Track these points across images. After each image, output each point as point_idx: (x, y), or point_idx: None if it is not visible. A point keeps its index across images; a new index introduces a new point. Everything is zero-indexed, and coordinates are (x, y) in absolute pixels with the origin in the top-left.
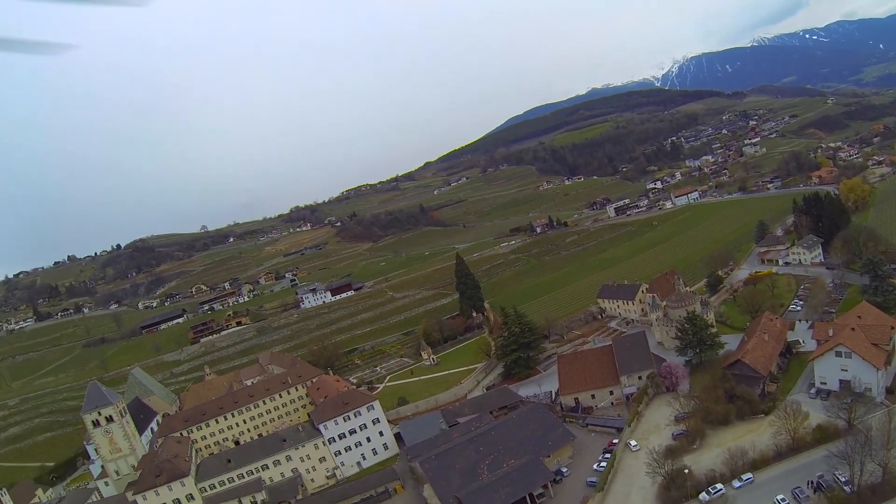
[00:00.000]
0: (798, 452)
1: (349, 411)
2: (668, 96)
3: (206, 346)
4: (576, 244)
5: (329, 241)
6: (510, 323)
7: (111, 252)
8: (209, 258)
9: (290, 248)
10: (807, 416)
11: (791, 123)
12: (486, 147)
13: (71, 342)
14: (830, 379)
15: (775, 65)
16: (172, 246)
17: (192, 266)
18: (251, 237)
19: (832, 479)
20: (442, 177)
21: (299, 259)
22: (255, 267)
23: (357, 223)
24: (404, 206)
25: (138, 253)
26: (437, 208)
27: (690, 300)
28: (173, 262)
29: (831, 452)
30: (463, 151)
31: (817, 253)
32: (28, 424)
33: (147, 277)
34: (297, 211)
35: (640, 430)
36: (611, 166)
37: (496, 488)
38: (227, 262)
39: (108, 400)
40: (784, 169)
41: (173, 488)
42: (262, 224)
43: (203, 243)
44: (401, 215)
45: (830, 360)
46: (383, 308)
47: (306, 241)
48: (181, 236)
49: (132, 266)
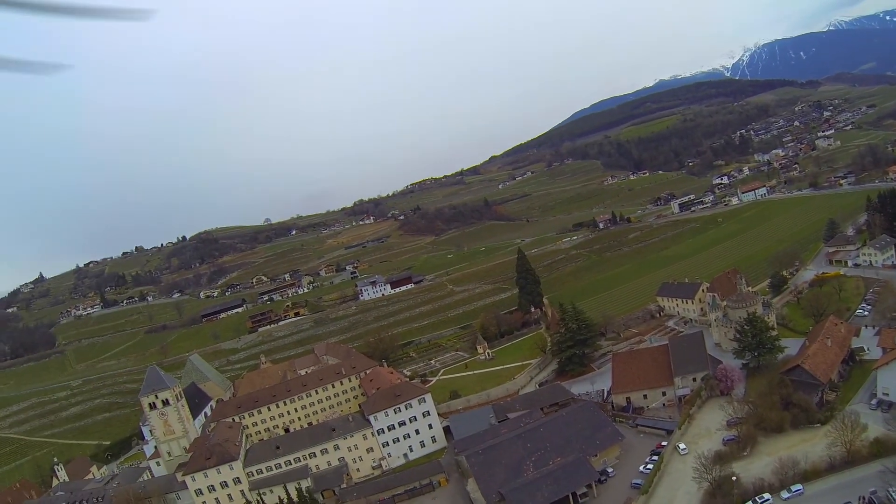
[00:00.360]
0: (853, 466)
1: (400, 403)
2: (737, 87)
3: (264, 336)
4: (638, 241)
5: (391, 234)
6: (567, 319)
7: (177, 243)
8: (271, 250)
9: (351, 241)
10: (865, 429)
11: (868, 114)
12: (551, 141)
13: (134, 328)
14: (894, 390)
15: (853, 50)
16: (236, 238)
17: (254, 258)
18: (313, 230)
19: (885, 495)
20: (507, 171)
21: (360, 252)
22: (316, 259)
23: (420, 217)
24: (468, 199)
25: (203, 244)
26: (501, 203)
27: (752, 301)
28: (236, 253)
29: (887, 468)
30: (529, 145)
31: (890, 254)
32: (88, 405)
33: (210, 268)
34: (360, 204)
35: (691, 434)
36: (677, 161)
37: (540, 486)
38: (288, 255)
39: (165, 384)
40: (859, 163)
41: (222, 471)
42: (325, 217)
43: (266, 236)
44: (464, 209)
45: (895, 369)
46: (442, 302)
47: (369, 234)
48: (245, 229)
49: (196, 257)
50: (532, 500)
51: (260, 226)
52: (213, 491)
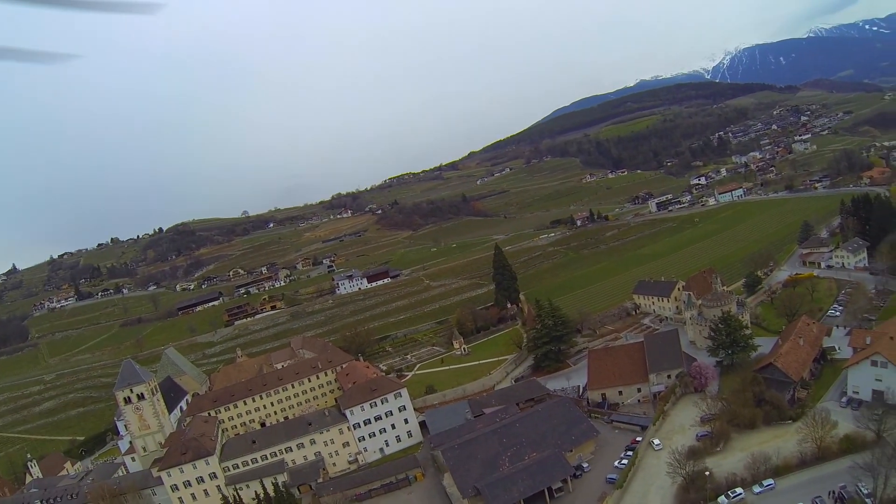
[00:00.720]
0: (823, 461)
1: (376, 398)
2: (717, 89)
3: (240, 329)
4: (615, 239)
5: (369, 228)
6: (543, 315)
7: (153, 235)
8: (248, 243)
9: (329, 235)
10: (835, 425)
11: (845, 120)
12: (531, 138)
13: (109, 321)
14: (863, 388)
15: (832, 58)
16: (213, 230)
17: (231, 250)
18: (291, 223)
19: (854, 490)
20: (486, 167)
21: (338, 245)
22: (293, 252)
23: (398, 211)
24: (446, 195)
25: (179, 236)
26: (479, 198)
27: (726, 300)
28: (213, 245)
29: (857, 464)
30: (508, 142)
31: (862, 257)
32: (62, 399)
33: (186, 260)
34: (338, 198)
35: (665, 430)
36: (655, 160)
37: (515, 481)
38: (265, 247)
39: (140, 378)
40: (834, 168)
41: (198, 466)
42: (303, 210)
43: (243, 228)
44: (442, 204)
45: (865, 368)
46: (419, 296)
47: (346, 228)
48: (222, 221)
49: (172, 249)
50: (508, 494)
51: (237, 218)
52: (189, 486)
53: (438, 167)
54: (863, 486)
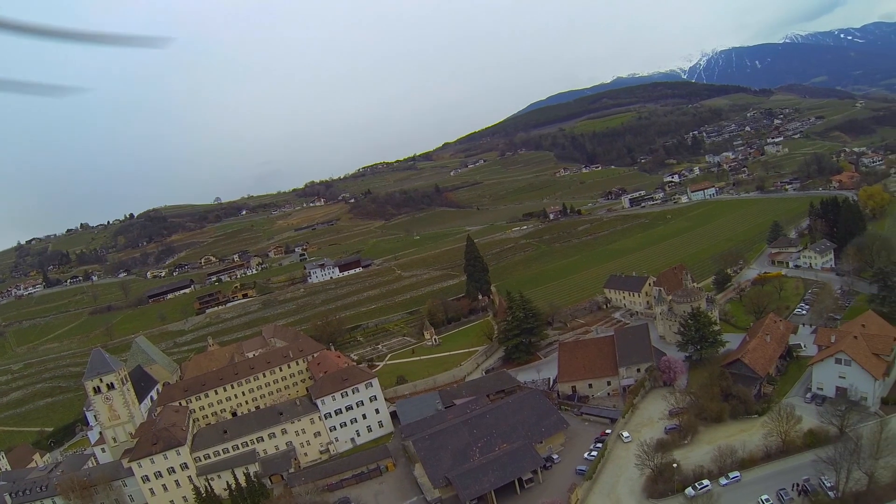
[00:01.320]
0: (787, 455)
1: (348, 387)
2: (693, 89)
3: (211, 317)
4: (587, 233)
5: (342, 217)
6: (514, 308)
7: (124, 221)
8: (220, 230)
9: (301, 223)
10: (799, 420)
11: (817, 125)
12: (506, 131)
13: (78, 309)
14: (827, 385)
15: (806, 64)
16: (185, 217)
17: (203, 237)
18: (264, 210)
19: (818, 483)
20: (459, 158)
21: (310, 234)
22: (265, 240)
23: (371, 200)
24: (420, 185)
25: (150, 223)
26: (452, 190)
27: (696, 296)
28: (185, 232)
29: (820, 458)
30: (482, 134)
31: (829, 258)
32: (30, 389)
33: (157, 247)
34: (311, 186)
35: (634, 423)
36: (630, 157)
37: (486, 471)
38: (238, 235)
39: (110, 367)
40: (805, 171)
41: (169, 457)
42: (276, 198)
43: (216, 215)
44: (415, 195)
45: (829, 366)
46: (390, 286)
47: (319, 217)
48: (194, 207)
49: (144, 235)
50: (478, 485)
51: (210, 205)
52: (160, 477)
53: (412, 157)
54: (826, 480)
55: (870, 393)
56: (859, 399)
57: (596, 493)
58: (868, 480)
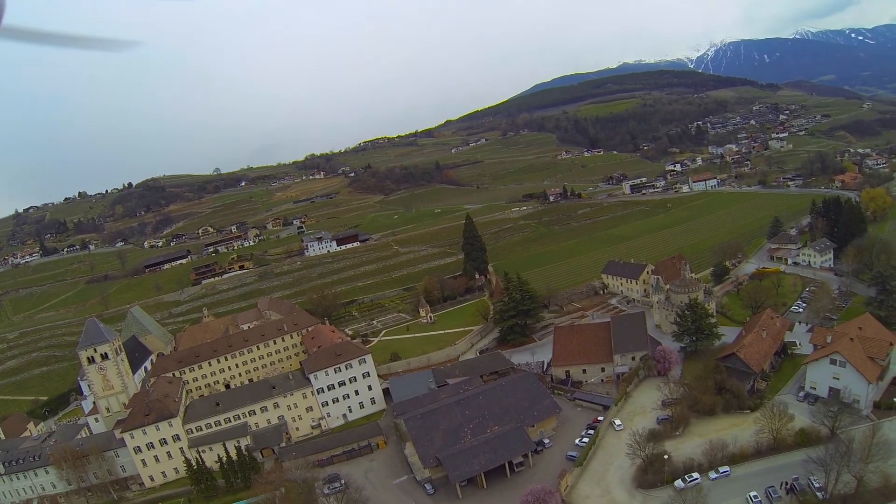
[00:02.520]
0: (777, 452)
1: (341, 363)
2: (699, 79)
3: (207, 289)
4: (587, 217)
5: (341, 190)
6: (511, 289)
7: (122, 190)
8: (219, 201)
9: (300, 196)
10: (791, 419)
11: (822, 123)
12: (508, 111)
13: (74, 278)
14: (821, 385)
15: (815, 61)
16: (183, 187)
17: (202, 208)
18: (263, 182)
19: (807, 483)
20: (461, 136)
21: (309, 207)
22: (263, 212)
23: (371, 175)
24: (420, 161)
25: (149, 192)
26: (452, 167)
27: (694, 287)
28: (183, 202)
29: (810, 458)
30: (485, 113)
31: (828, 257)
32: (25, 358)
33: (155, 217)
34: (312, 159)
35: (626, 411)
36: (632, 143)
37: (477, 453)
38: (236, 206)
39: (104, 337)
40: (808, 168)
41: (161, 428)
42: (276, 170)
43: (214, 186)
44: (416, 171)
45: (824, 366)
46: (387, 262)
47: (318, 190)
48: (193, 177)
49: (142, 205)
50: (469, 466)
51: (209, 175)
52: (152, 448)
53: (414, 133)
54: (815, 480)
55: (863, 396)
56: (852, 401)
57: (586, 479)
58: (857, 484)
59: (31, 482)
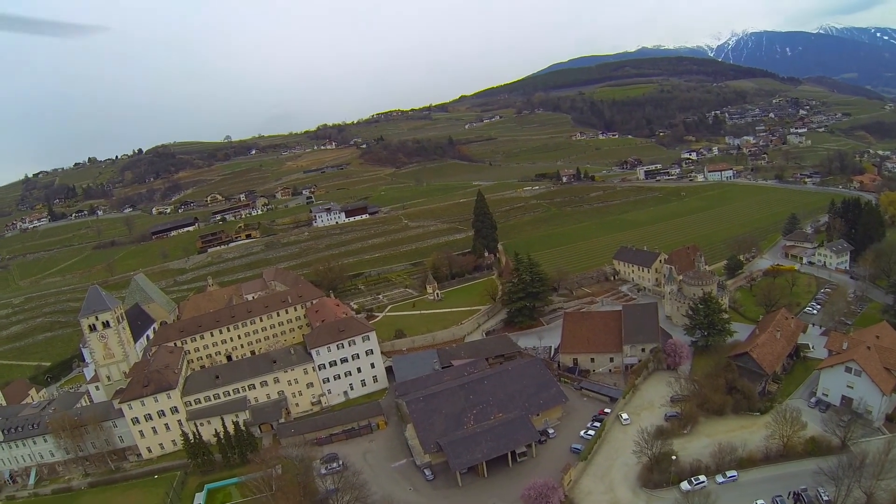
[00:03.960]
0: (787, 460)
1: (344, 339)
2: (719, 68)
3: (213, 257)
4: (599, 200)
5: (352, 162)
6: (521, 270)
7: (132, 156)
8: (228, 168)
9: (311, 166)
10: (804, 426)
11: (842, 121)
12: (524, 89)
13: (82, 243)
14: (833, 392)
15: (837, 58)
16: (194, 154)
17: (211, 175)
18: (274, 151)
19: (815, 495)
20: (475, 112)
21: (319, 177)
22: (273, 181)
23: (383, 147)
24: (433, 136)
25: (159, 158)
26: (465, 143)
27: (708, 280)
28: (192, 169)
29: (821, 469)
30: (500, 90)
31: (844, 259)
32: (30, 323)
33: (164, 184)
34: (324, 129)
35: (634, 405)
36: (648, 128)
37: (479, 441)
38: (246, 174)
39: (106, 305)
40: (826, 166)
41: (159, 400)
42: (287, 139)
43: (225, 153)
44: (428, 145)
45: (839, 373)
46: (395, 235)
47: (329, 160)
48: (204, 145)
49: (151, 171)
50: (470, 454)
51: (220, 143)
52: (150, 420)
53: (428, 107)
54: (823, 493)
55: (876, 407)
56: (864, 412)
57: (589, 475)
58: (867, 500)
59: (29, 450)
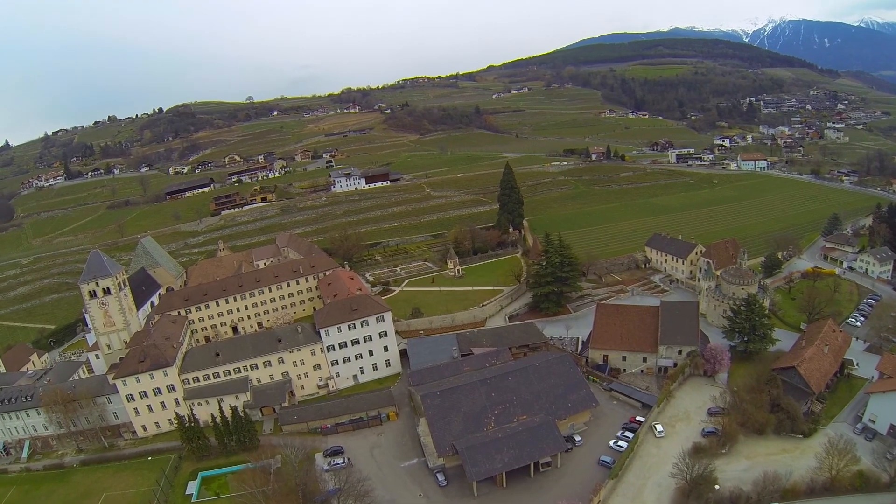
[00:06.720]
0: (833, 494)
1: (356, 319)
2: (755, 54)
3: (226, 220)
4: (629, 181)
5: (375, 126)
6: (551, 252)
7: (152, 115)
8: (248, 129)
9: (333, 129)
10: (857, 460)
11: (882, 120)
12: (553, 62)
13: (96, 202)
14: (882, 419)
15: (878, 52)
16: (214, 114)
17: (230, 136)
18: (296, 113)
19: None
20: (503, 83)
21: (340, 141)
22: (293, 143)
23: (407, 113)
24: (460, 104)
25: (178, 118)
26: (492, 113)
27: (749, 280)
28: (212, 129)
29: None
30: (529, 62)
31: (888, 268)
32: (37, 285)
33: (183, 143)
34: (348, 92)
35: (668, 414)
36: (679, 111)
37: (500, 447)
38: (265, 136)
39: (107, 271)
40: (865, 165)
41: (155, 377)
42: (311, 101)
43: (246, 114)
44: (454, 113)
45: (892, 399)
46: (417, 204)
47: (352, 124)
48: (225, 105)
49: (170, 130)
50: (490, 462)
51: (241, 103)
52: (146, 397)
53: (455, 75)
54: None
55: None
56: None
57: (619, 494)
58: None
59: (23, 422)
